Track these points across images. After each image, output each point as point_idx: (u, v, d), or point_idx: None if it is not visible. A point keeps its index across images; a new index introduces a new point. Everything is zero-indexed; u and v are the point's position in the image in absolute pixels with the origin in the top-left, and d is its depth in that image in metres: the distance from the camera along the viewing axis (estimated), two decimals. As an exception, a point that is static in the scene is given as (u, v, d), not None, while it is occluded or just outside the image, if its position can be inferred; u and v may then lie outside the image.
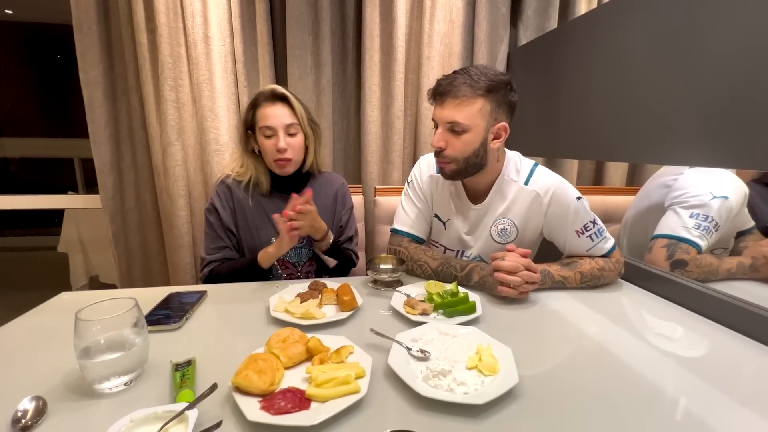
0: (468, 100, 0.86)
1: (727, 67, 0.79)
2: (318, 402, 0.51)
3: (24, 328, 0.73)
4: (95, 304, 0.56)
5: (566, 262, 0.96)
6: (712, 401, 0.55)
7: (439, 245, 1.11)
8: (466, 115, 0.87)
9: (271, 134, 1.00)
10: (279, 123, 1.00)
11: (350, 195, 1.21)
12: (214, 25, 1.39)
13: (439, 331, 0.70)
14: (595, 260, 0.95)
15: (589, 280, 0.93)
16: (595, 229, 0.95)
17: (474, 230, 1.03)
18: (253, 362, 0.54)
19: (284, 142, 1.00)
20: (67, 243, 2.23)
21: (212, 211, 1.06)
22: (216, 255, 1.04)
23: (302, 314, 0.75)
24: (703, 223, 0.99)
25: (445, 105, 0.89)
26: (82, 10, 1.35)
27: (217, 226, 1.05)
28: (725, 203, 0.99)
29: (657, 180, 1.20)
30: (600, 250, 0.96)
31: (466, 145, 0.89)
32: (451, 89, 0.87)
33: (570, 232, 0.96)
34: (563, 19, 1.63)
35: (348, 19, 1.56)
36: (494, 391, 0.52)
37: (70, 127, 3.28)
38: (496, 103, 0.89)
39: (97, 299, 0.57)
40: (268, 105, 1.01)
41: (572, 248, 0.98)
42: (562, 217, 0.96)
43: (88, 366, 0.52)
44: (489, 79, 0.87)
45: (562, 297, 0.90)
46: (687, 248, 0.99)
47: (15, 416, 0.47)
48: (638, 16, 1.01)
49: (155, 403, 0.49)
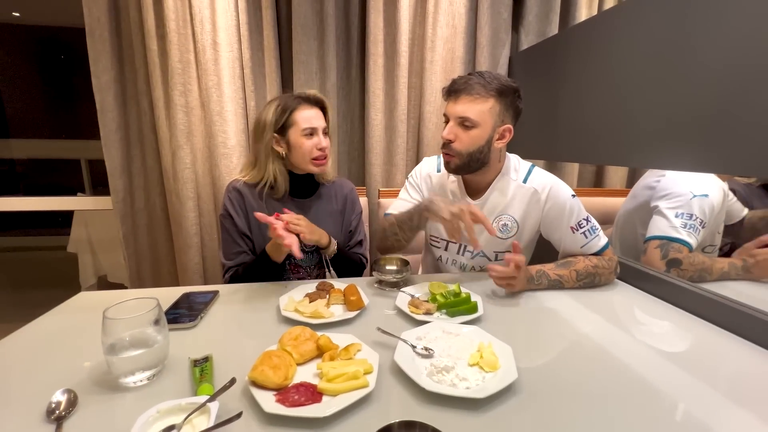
0: (481, 98, 0.93)
1: (725, 73, 0.81)
2: (329, 396, 0.54)
3: (48, 326, 0.76)
4: (120, 303, 0.59)
5: (561, 262, 0.99)
6: (703, 396, 0.59)
7: (440, 240, 1.15)
8: (477, 111, 0.93)
9: (313, 134, 1.05)
10: (319, 124, 1.05)
11: (359, 200, 1.24)
12: (222, 32, 1.43)
13: (442, 329, 0.73)
14: (589, 258, 0.99)
15: (585, 277, 0.97)
16: (589, 226, 1.00)
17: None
18: (267, 358, 0.58)
19: (325, 141, 1.06)
20: (76, 243, 2.28)
21: (227, 216, 1.08)
22: (235, 260, 1.07)
23: (311, 313, 0.78)
24: (689, 222, 1.04)
25: (459, 101, 0.95)
26: (95, 18, 1.38)
27: (232, 231, 1.08)
28: (706, 201, 1.05)
29: (642, 181, 1.25)
30: (594, 247, 1.00)
31: (473, 140, 0.95)
32: (465, 87, 0.94)
33: (565, 228, 1.00)
34: (564, 25, 1.65)
35: (352, 25, 1.59)
36: (494, 386, 0.55)
37: (76, 129, 3.32)
38: (504, 106, 0.95)
39: (114, 299, 0.61)
40: (309, 107, 1.05)
41: (567, 245, 1.02)
42: (559, 213, 1.00)
43: (114, 361, 0.56)
44: (501, 83, 0.94)
45: (559, 297, 0.93)
46: (679, 247, 1.03)
47: (49, 407, 0.51)
48: (638, 22, 1.04)
49: (176, 396, 0.52)
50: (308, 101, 1.06)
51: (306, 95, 1.07)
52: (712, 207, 1.05)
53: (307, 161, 1.06)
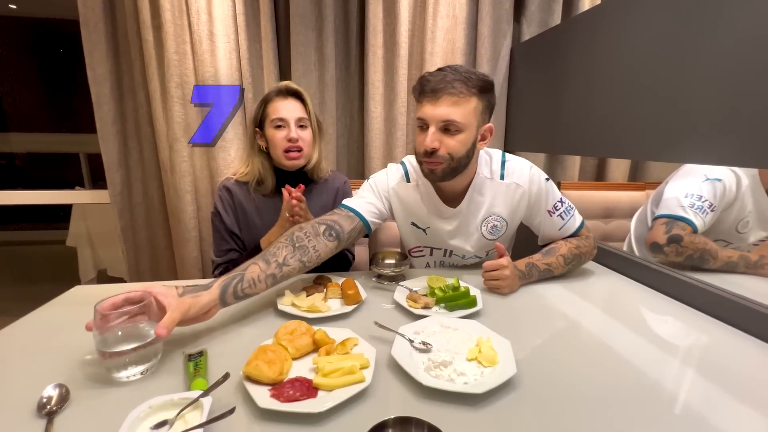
0: (464, 97, 0.83)
1: (732, 64, 0.79)
2: (325, 391, 0.53)
3: (42, 320, 0.76)
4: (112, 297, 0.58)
5: (545, 251, 0.99)
6: (703, 390, 0.58)
7: (423, 248, 1.08)
8: (463, 113, 0.83)
9: (282, 125, 1.02)
10: (291, 115, 1.03)
11: (353, 194, 1.22)
12: (218, 23, 1.41)
13: (440, 324, 0.72)
14: (569, 241, 1.00)
15: (572, 260, 0.98)
16: (564, 207, 0.99)
17: (459, 233, 1.02)
18: (262, 353, 0.57)
19: (296, 133, 1.03)
20: (75, 237, 2.27)
21: (216, 214, 1.09)
22: (224, 257, 1.07)
23: (308, 307, 0.78)
24: (697, 203, 1.05)
25: (439, 102, 0.83)
26: (89, 9, 1.36)
27: (221, 229, 1.08)
28: (718, 185, 1.05)
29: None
30: (570, 228, 1.00)
31: (460, 144, 0.85)
32: (445, 86, 0.82)
33: (543, 212, 0.99)
34: (567, 15, 1.62)
35: (351, 16, 1.56)
36: (493, 381, 0.55)
37: (75, 122, 3.30)
38: (485, 104, 0.87)
39: (109, 293, 0.60)
40: (281, 99, 1.04)
41: (546, 229, 1.01)
42: (537, 199, 0.99)
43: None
44: (479, 79, 0.84)
45: (559, 291, 0.93)
46: (683, 225, 1.04)
47: (40, 402, 0.50)
48: (641, 12, 1.02)
49: (170, 391, 0.51)
50: (281, 93, 1.04)
51: (280, 86, 1.06)
52: (723, 191, 1.05)
53: (280, 155, 1.04)
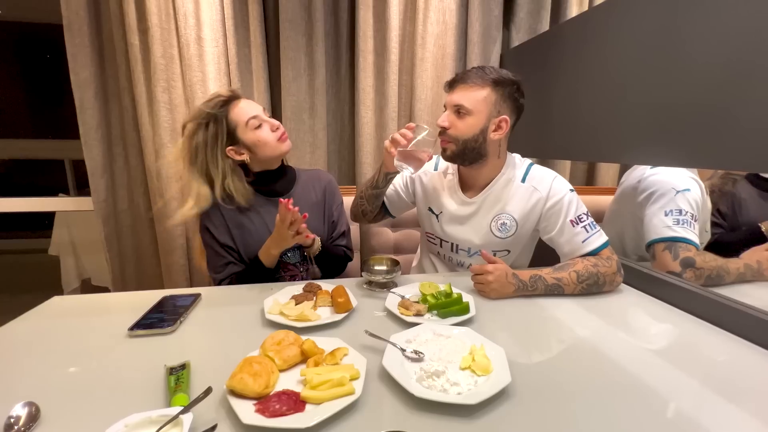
0: (476, 87, 0.94)
1: (717, 69, 0.80)
2: (313, 404, 0.51)
3: (16, 333, 0.72)
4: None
5: (558, 266, 0.94)
6: (704, 400, 0.57)
7: (435, 237, 1.13)
8: (472, 99, 0.95)
9: (260, 123, 1.00)
10: (258, 110, 1.01)
11: (339, 191, 1.20)
12: (206, 27, 1.39)
13: (433, 332, 0.70)
14: (587, 258, 0.94)
15: (587, 278, 0.90)
16: (588, 221, 0.98)
17: (467, 222, 1.06)
18: (247, 365, 0.54)
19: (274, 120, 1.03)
20: (58, 246, 2.20)
21: (205, 230, 1.04)
22: (224, 272, 1.03)
23: (297, 316, 0.75)
24: (681, 218, 1.01)
25: (455, 90, 0.97)
26: (73, 11, 1.33)
27: (213, 244, 1.03)
28: (690, 194, 1.03)
29: (627, 183, 1.23)
30: (595, 242, 0.95)
31: (467, 127, 0.96)
32: (463, 77, 0.97)
33: (566, 222, 0.97)
34: (555, 22, 1.64)
35: (341, 21, 1.56)
36: (487, 391, 0.53)
37: (60, 129, 3.24)
38: (501, 96, 0.95)
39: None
40: (236, 104, 1.00)
41: (569, 239, 0.97)
42: (558, 208, 0.98)
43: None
44: (498, 74, 0.95)
45: (554, 298, 0.91)
46: (686, 246, 0.99)
47: (7, 422, 0.47)
48: (629, 18, 1.03)
49: (149, 407, 0.48)
50: (232, 99, 1.01)
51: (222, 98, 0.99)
52: (696, 200, 1.04)
53: (274, 146, 1.02)
